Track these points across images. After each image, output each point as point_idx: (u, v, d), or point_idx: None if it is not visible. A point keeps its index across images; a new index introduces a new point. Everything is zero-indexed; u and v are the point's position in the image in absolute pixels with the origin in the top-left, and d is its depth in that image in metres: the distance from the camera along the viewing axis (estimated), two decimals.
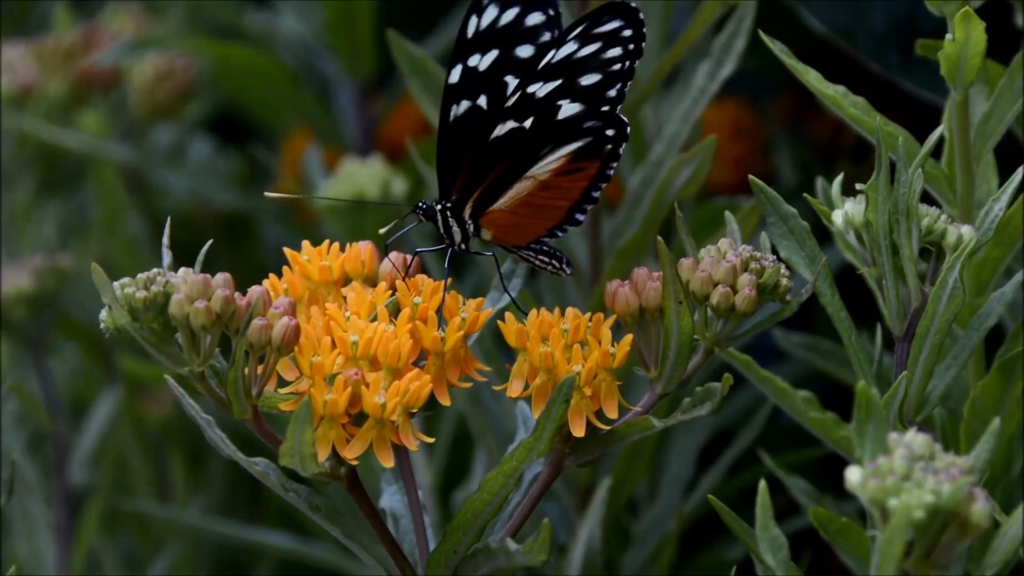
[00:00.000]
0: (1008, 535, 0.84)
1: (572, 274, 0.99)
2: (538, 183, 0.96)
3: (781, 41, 1.03)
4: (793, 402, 0.99)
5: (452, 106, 0.98)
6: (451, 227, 0.98)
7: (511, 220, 0.97)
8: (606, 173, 0.97)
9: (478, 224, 0.98)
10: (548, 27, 0.98)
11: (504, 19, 0.98)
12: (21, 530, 1.46)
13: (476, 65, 0.98)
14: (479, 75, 0.98)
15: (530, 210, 0.97)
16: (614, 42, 0.95)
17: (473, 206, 0.97)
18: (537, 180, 0.96)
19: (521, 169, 0.96)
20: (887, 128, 1.00)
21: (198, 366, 0.90)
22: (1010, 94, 1.01)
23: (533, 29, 0.99)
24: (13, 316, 1.44)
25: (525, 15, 0.99)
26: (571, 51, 0.95)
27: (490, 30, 0.98)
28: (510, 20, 0.98)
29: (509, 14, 0.98)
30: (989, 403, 1.00)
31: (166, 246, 0.94)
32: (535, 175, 0.96)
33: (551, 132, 0.95)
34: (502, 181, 0.97)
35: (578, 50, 0.95)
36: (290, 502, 0.94)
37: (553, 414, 0.90)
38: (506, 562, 0.93)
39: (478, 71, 0.98)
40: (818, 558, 1.34)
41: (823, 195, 1.02)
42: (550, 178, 0.96)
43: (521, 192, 0.96)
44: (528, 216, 0.97)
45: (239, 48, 1.59)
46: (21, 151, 1.62)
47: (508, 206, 0.97)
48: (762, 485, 0.88)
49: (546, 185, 0.96)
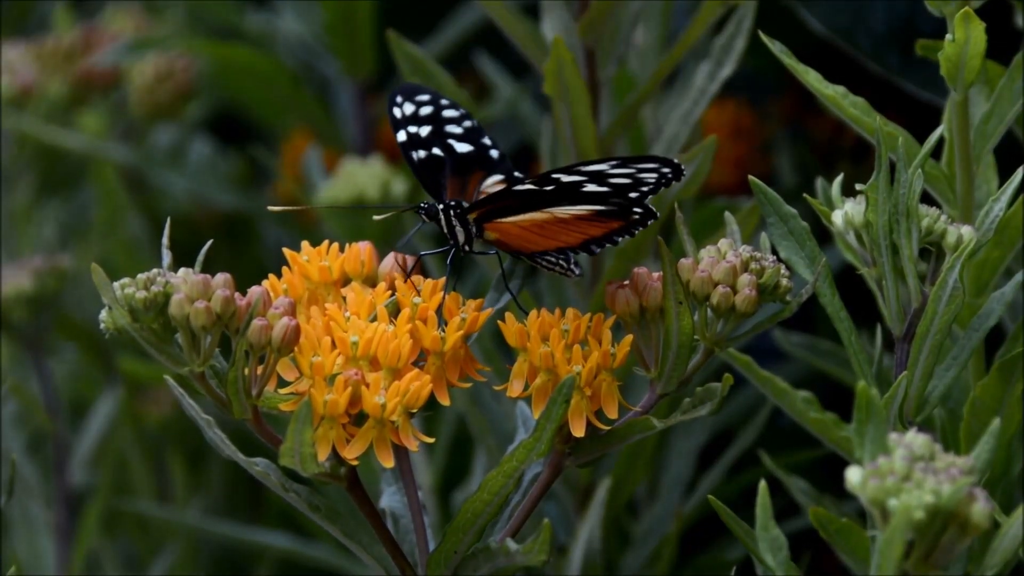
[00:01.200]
0: (1008, 535, 0.84)
1: (580, 274, 0.99)
2: (556, 218, 0.96)
3: (781, 42, 1.03)
4: (793, 402, 0.99)
5: (412, 152, 1.02)
6: (454, 227, 0.97)
7: (520, 232, 0.97)
8: (631, 232, 0.96)
9: (482, 228, 0.98)
10: (466, 117, 1.04)
11: (423, 111, 1.04)
12: (21, 530, 1.46)
13: (416, 132, 1.03)
14: (423, 138, 1.03)
15: (544, 232, 0.97)
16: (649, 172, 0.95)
17: (480, 215, 0.97)
18: (555, 216, 0.96)
19: (538, 206, 0.96)
20: (887, 128, 1.00)
21: (198, 366, 0.90)
22: (1010, 94, 1.01)
23: (453, 118, 1.04)
24: (13, 316, 1.44)
25: (440, 111, 1.04)
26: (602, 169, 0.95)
27: (415, 116, 1.03)
28: (428, 112, 1.04)
29: (425, 108, 1.04)
30: (989, 403, 1.00)
31: (166, 246, 0.94)
32: (554, 213, 0.96)
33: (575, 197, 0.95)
34: (515, 208, 0.96)
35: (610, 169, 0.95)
36: (290, 502, 0.94)
37: (553, 414, 0.90)
38: (506, 562, 0.93)
39: (420, 135, 1.03)
40: (818, 558, 1.34)
41: (823, 195, 1.02)
42: (570, 219, 0.96)
43: (536, 219, 0.96)
44: (541, 235, 0.97)
45: (239, 49, 1.59)
46: (21, 152, 1.62)
47: (519, 223, 0.97)
48: (762, 485, 0.88)
49: (564, 221, 0.96)
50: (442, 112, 1.04)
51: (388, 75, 1.61)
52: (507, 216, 0.96)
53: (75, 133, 1.62)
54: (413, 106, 1.04)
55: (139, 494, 1.58)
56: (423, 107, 1.04)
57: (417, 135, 1.03)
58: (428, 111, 1.03)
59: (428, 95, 1.04)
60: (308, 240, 0.98)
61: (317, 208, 1.42)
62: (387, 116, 1.04)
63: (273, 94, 1.61)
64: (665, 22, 1.29)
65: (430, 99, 1.04)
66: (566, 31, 1.17)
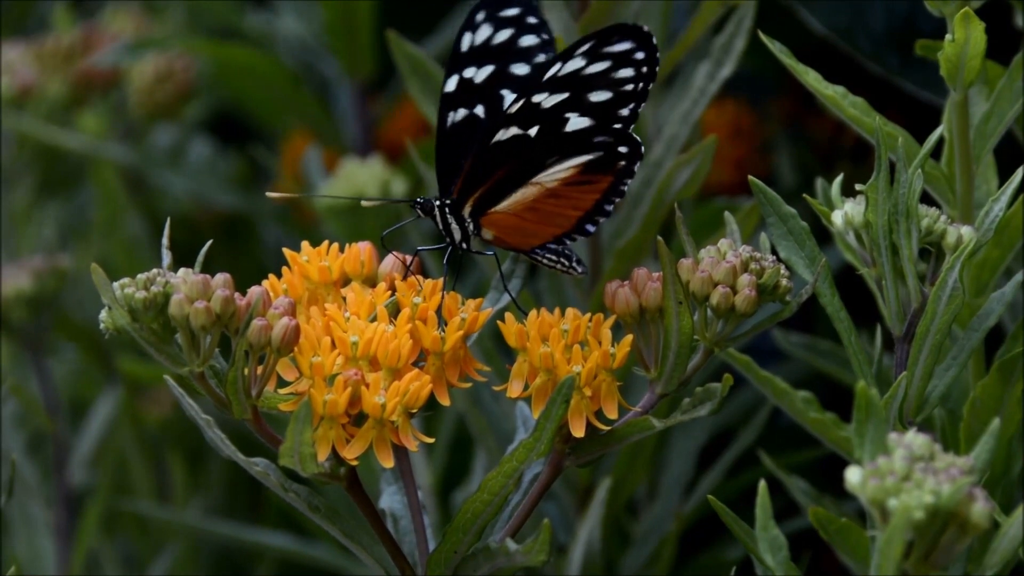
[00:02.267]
0: (1008, 535, 0.84)
1: (584, 272, 0.98)
2: (546, 190, 0.95)
3: (781, 42, 1.03)
4: (793, 402, 0.99)
5: (449, 113, 0.98)
6: (450, 224, 0.97)
7: (515, 223, 0.97)
8: (619, 188, 0.95)
9: (478, 223, 0.97)
10: (543, 49, 0.98)
11: (498, 38, 0.98)
12: (21, 530, 1.46)
13: (472, 77, 0.98)
14: (475, 86, 0.98)
15: (537, 215, 0.96)
16: (625, 63, 0.93)
17: (473, 205, 0.97)
18: (544, 187, 0.95)
19: (526, 175, 0.95)
20: (887, 128, 1.00)
21: (198, 366, 0.90)
22: (1010, 94, 1.01)
23: (527, 50, 0.98)
24: (13, 316, 1.44)
25: (519, 36, 0.98)
26: (579, 66, 0.93)
27: (484, 47, 0.98)
28: (504, 40, 0.98)
29: (503, 34, 0.98)
30: (989, 403, 1.00)
31: (166, 247, 0.94)
32: (542, 182, 0.95)
33: (558, 143, 0.94)
34: (505, 185, 0.96)
35: (586, 66, 0.93)
36: (290, 502, 0.94)
37: (553, 414, 0.90)
38: (506, 562, 0.93)
39: (474, 82, 0.98)
40: (818, 558, 1.34)
41: (823, 196, 1.02)
42: (559, 187, 0.95)
43: (527, 197, 0.95)
44: (534, 221, 0.96)
45: (239, 49, 1.59)
46: (21, 152, 1.62)
47: (512, 209, 0.96)
48: (762, 485, 0.88)
49: (554, 193, 0.95)
50: (520, 39, 0.97)
51: (388, 75, 1.61)
52: (499, 201, 0.96)
53: (75, 133, 1.62)
54: (491, 28, 0.97)
55: (139, 494, 1.58)
56: (502, 30, 0.97)
57: (470, 83, 0.97)
58: (505, 37, 0.97)
59: (518, 8, 0.97)
60: (308, 240, 0.98)
61: (317, 208, 1.42)
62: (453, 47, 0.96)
63: (273, 94, 1.61)
64: (665, 22, 1.29)
65: (518, 14, 0.97)
66: (566, 31, 1.17)
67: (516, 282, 1.00)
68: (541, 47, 0.98)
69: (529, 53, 0.98)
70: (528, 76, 0.98)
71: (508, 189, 0.95)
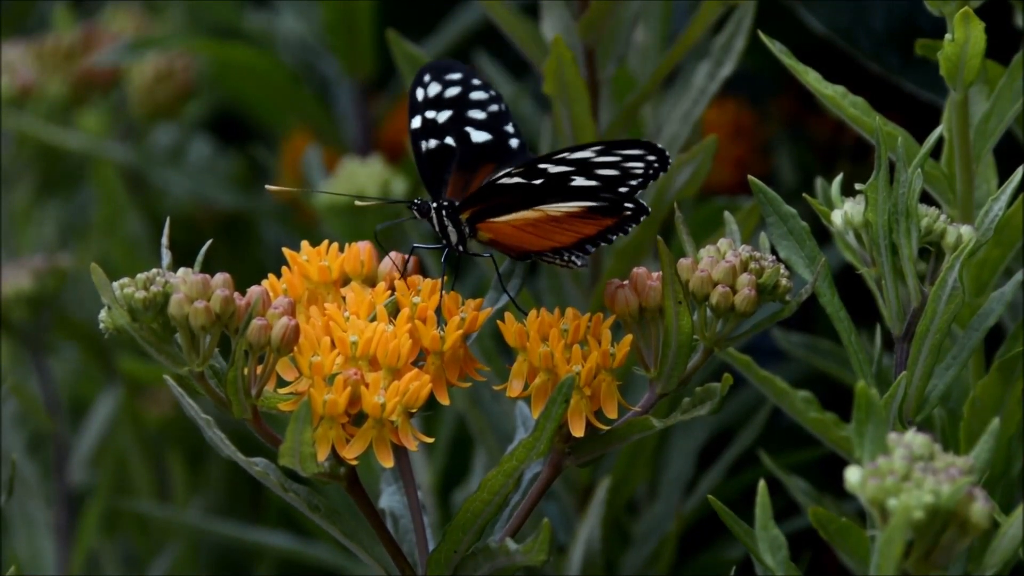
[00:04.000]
0: (1008, 535, 0.84)
1: (584, 265, 0.98)
2: (547, 216, 0.95)
3: (781, 41, 1.03)
4: (793, 402, 0.98)
5: (422, 142, 1.01)
6: (447, 227, 0.97)
7: (513, 232, 0.96)
8: (624, 229, 0.96)
9: (475, 228, 0.97)
10: (494, 101, 1.02)
11: (448, 93, 1.02)
12: (21, 530, 1.46)
13: (434, 118, 1.01)
14: (439, 124, 1.01)
15: (537, 231, 0.96)
16: (635, 160, 0.94)
17: (471, 215, 0.97)
18: (547, 214, 0.95)
19: (529, 204, 0.95)
20: (886, 128, 1.00)
21: (197, 366, 0.90)
22: (1010, 94, 1.01)
23: (479, 102, 1.02)
24: (13, 316, 1.44)
25: (467, 93, 1.01)
26: (588, 156, 0.94)
27: (438, 98, 1.01)
28: (455, 94, 1.01)
29: (452, 90, 1.02)
30: (989, 403, 1.00)
31: (165, 246, 0.94)
32: (545, 211, 0.95)
33: (564, 192, 0.95)
34: (506, 206, 0.96)
35: (595, 157, 0.94)
36: (290, 502, 0.94)
37: (553, 414, 0.90)
38: (506, 562, 0.93)
39: (437, 122, 1.01)
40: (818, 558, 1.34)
41: (822, 195, 1.02)
42: (563, 216, 0.95)
43: (528, 217, 0.96)
44: (534, 235, 0.96)
45: (239, 48, 1.59)
46: (21, 151, 1.62)
47: (511, 223, 0.96)
48: (762, 485, 0.88)
49: (557, 219, 0.96)
50: (470, 94, 1.01)
51: (388, 75, 1.61)
52: (499, 215, 0.96)
53: (75, 133, 1.62)
54: (440, 86, 1.01)
55: (139, 494, 1.58)
56: (450, 88, 1.01)
57: (433, 122, 1.01)
58: (455, 92, 1.01)
59: (460, 73, 1.02)
60: (308, 240, 0.98)
61: (317, 208, 1.42)
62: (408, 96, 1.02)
63: (273, 94, 1.61)
64: (665, 21, 1.29)
65: (461, 78, 1.02)
66: (566, 30, 1.17)
67: (515, 282, 1.00)
68: (491, 100, 1.02)
69: (481, 104, 1.02)
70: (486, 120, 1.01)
71: (509, 209, 0.96)
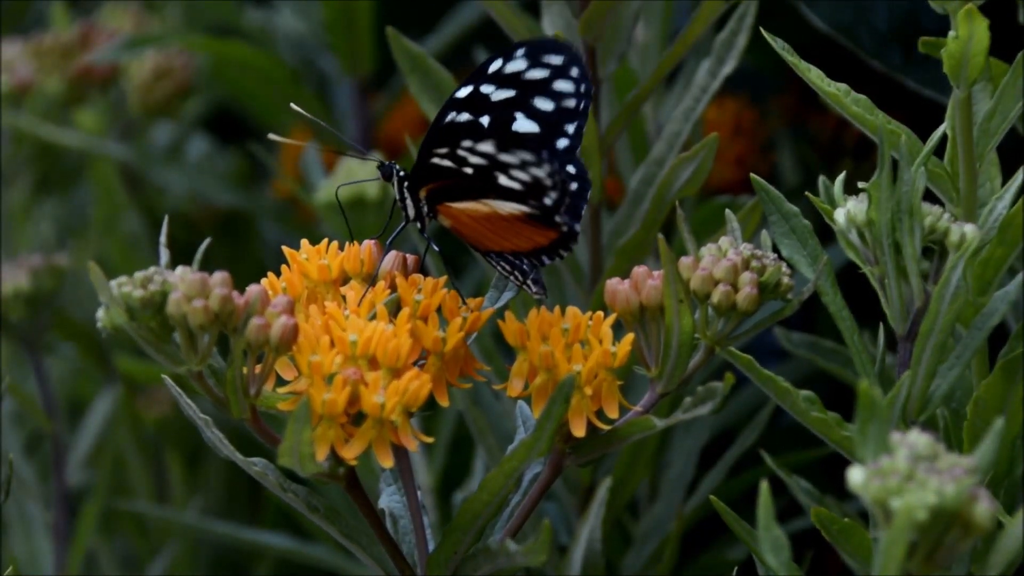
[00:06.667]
0: (1011, 536, 0.84)
1: (541, 294, 0.97)
2: (497, 214, 0.95)
3: (783, 39, 1.02)
4: (795, 402, 0.98)
5: (451, 112, 0.98)
6: (405, 198, 0.97)
7: (471, 224, 0.96)
8: (559, 252, 0.95)
9: (434, 209, 0.97)
10: (577, 97, 0.97)
11: (531, 75, 0.98)
12: (18, 530, 1.45)
13: (488, 94, 0.98)
14: (488, 101, 0.98)
15: (493, 227, 0.95)
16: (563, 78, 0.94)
17: (428, 193, 0.96)
18: (495, 211, 0.94)
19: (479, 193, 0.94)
20: (889, 126, 1.00)
21: (196, 365, 0.90)
22: (1013, 92, 1.00)
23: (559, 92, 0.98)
24: (11, 315, 1.44)
25: (554, 80, 0.97)
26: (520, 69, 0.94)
27: (513, 76, 0.98)
28: (537, 77, 0.97)
29: (537, 72, 0.97)
30: (992, 403, 0.99)
31: (164, 245, 0.94)
32: (492, 207, 0.94)
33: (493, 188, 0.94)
34: (460, 190, 0.95)
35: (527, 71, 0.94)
36: (289, 502, 0.94)
37: (553, 414, 0.90)
38: (506, 562, 0.93)
39: (489, 98, 0.98)
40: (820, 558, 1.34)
41: (825, 193, 1.01)
42: (510, 218, 0.95)
43: (479, 210, 0.95)
44: (491, 231, 0.95)
45: (238, 46, 1.58)
46: (19, 149, 1.61)
47: (467, 212, 0.95)
48: (764, 485, 0.88)
49: (508, 221, 0.95)
50: (554, 83, 0.97)
51: (387, 73, 1.61)
52: (451, 200, 0.95)
53: (73, 131, 1.62)
54: (525, 64, 0.97)
55: (137, 494, 1.58)
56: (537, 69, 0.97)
57: (484, 97, 0.97)
58: (539, 75, 0.97)
59: (562, 58, 0.97)
60: (307, 238, 0.97)
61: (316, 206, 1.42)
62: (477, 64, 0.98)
63: (272, 91, 1.60)
64: (666, 19, 1.29)
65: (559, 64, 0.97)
66: (567, 28, 1.17)
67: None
68: (573, 95, 0.97)
69: (559, 95, 0.98)
70: (549, 112, 0.97)
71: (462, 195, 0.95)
